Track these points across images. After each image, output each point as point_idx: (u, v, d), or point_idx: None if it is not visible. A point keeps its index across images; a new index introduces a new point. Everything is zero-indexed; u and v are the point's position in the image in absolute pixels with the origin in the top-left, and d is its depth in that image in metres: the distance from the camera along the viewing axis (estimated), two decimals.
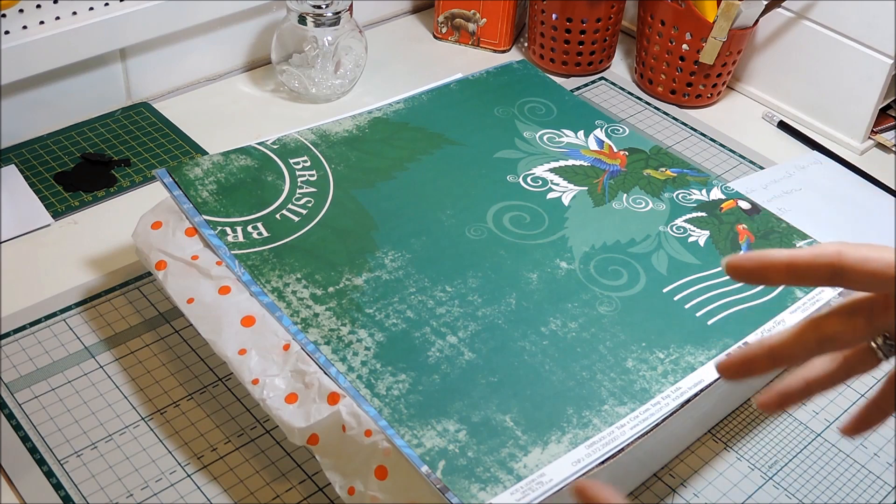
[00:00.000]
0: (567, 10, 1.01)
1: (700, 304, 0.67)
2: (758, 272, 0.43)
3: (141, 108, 0.95)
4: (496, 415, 0.58)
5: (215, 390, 0.68)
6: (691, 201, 0.77)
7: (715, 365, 0.45)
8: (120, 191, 0.85)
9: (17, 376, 0.68)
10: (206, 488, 0.62)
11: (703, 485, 0.65)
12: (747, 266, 0.43)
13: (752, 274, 0.43)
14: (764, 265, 0.43)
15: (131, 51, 0.93)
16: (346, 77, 0.98)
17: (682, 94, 1.02)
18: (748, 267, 0.43)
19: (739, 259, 0.43)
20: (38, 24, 0.84)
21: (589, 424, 0.58)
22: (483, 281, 0.67)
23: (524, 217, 0.73)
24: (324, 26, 0.94)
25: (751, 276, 0.43)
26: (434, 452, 0.56)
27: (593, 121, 0.85)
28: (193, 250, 0.67)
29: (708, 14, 0.97)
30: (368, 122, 0.81)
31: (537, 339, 0.64)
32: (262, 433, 0.66)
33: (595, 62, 1.06)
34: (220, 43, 0.99)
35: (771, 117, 1.02)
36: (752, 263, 0.43)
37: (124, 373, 0.69)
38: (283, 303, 0.64)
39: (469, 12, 1.07)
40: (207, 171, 0.73)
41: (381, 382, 0.60)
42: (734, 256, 0.43)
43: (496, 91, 0.87)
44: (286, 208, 0.71)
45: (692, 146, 0.97)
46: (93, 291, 0.75)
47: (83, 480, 0.62)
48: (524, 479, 0.55)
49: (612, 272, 0.69)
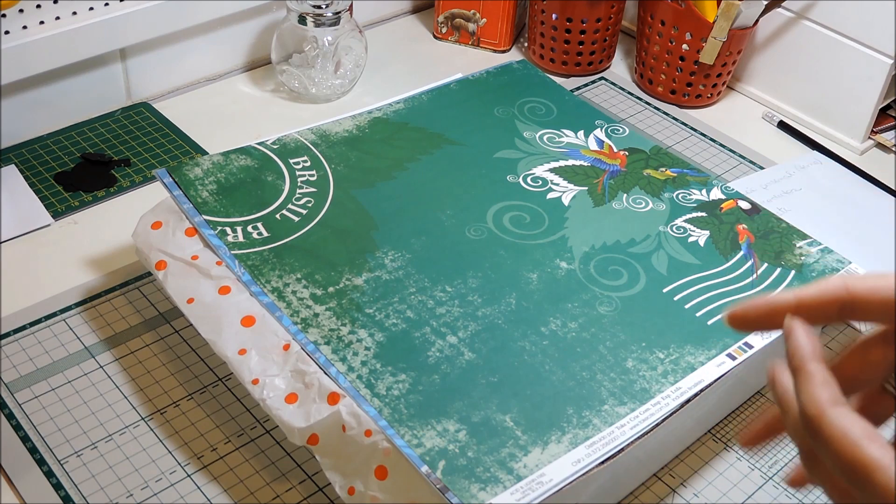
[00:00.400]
0: (567, 10, 1.01)
1: (700, 304, 0.67)
2: (765, 320, 0.42)
3: (141, 108, 0.95)
4: (496, 415, 0.58)
5: (215, 390, 0.68)
6: (691, 201, 0.77)
7: (728, 316, 0.44)
8: (120, 191, 0.85)
9: (17, 376, 0.68)
10: (206, 488, 0.62)
11: (703, 485, 0.65)
12: (753, 316, 0.42)
13: (759, 322, 0.42)
14: (771, 312, 0.42)
15: (131, 51, 0.93)
16: (346, 77, 0.98)
17: (682, 94, 1.02)
18: (754, 317, 0.42)
19: (744, 310, 0.42)
20: (38, 24, 0.84)
21: (589, 424, 0.58)
22: (483, 281, 0.67)
23: (524, 217, 0.73)
24: (324, 26, 0.94)
25: (758, 324, 0.42)
26: (434, 452, 0.56)
27: (593, 121, 0.85)
28: (193, 250, 0.67)
29: (708, 14, 0.97)
30: (368, 122, 0.81)
31: (537, 339, 0.64)
32: (262, 433, 0.66)
33: (595, 62, 1.06)
34: (220, 43, 0.99)
35: (771, 117, 1.02)
36: (759, 312, 0.42)
37: (124, 373, 0.69)
38: (283, 303, 0.64)
39: (469, 12, 1.07)
40: (207, 171, 0.73)
41: (381, 382, 0.60)
42: (736, 308, 0.42)
43: (496, 91, 0.87)
44: (286, 208, 0.71)
45: (692, 146, 0.97)
46: (93, 291, 0.75)
47: (83, 480, 0.62)
48: (524, 479, 0.55)
49: (612, 272, 0.69)
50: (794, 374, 0.41)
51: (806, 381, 0.40)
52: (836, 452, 0.38)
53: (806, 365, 0.40)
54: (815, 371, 0.40)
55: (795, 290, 0.42)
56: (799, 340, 0.41)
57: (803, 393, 0.40)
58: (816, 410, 0.39)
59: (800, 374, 0.40)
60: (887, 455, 0.37)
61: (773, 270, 0.71)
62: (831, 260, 0.72)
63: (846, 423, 0.38)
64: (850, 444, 0.38)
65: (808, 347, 0.41)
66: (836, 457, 0.38)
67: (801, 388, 0.40)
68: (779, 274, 0.70)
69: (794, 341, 0.41)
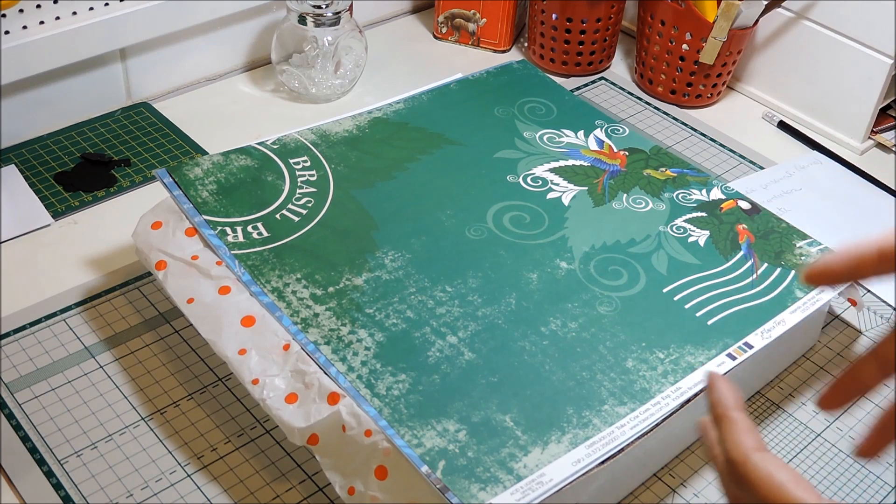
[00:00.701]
0: (567, 10, 1.01)
1: (700, 304, 0.67)
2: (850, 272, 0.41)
3: (141, 108, 0.95)
4: (496, 415, 0.58)
5: (215, 390, 0.68)
6: (691, 201, 0.77)
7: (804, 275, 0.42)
8: (120, 191, 0.85)
9: (17, 376, 0.68)
10: (206, 488, 0.62)
11: (703, 485, 0.65)
12: (837, 269, 0.41)
13: (843, 275, 0.41)
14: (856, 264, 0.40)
15: (131, 51, 0.93)
16: (346, 77, 0.98)
17: (682, 94, 1.02)
18: (838, 270, 0.41)
19: (825, 264, 0.40)
20: (38, 24, 0.84)
21: (589, 424, 0.58)
22: (483, 281, 0.67)
23: (524, 217, 0.73)
24: (324, 26, 0.94)
25: (842, 277, 0.41)
26: (434, 452, 0.56)
27: (593, 121, 0.85)
28: (193, 250, 0.67)
29: (708, 14, 0.97)
30: (368, 122, 0.81)
31: (537, 339, 0.64)
32: (262, 433, 0.66)
33: (595, 62, 1.06)
34: (220, 43, 0.99)
35: (771, 117, 1.02)
36: (843, 265, 0.40)
37: (124, 373, 0.69)
38: (283, 303, 0.64)
39: (469, 12, 1.07)
40: (207, 171, 0.73)
41: (381, 382, 0.60)
42: (815, 265, 0.40)
43: (496, 91, 0.87)
44: (286, 208, 0.71)
45: (692, 146, 0.97)
46: (93, 291, 0.75)
47: (83, 480, 0.62)
48: (524, 479, 0.55)
49: (612, 272, 0.69)
50: (717, 422, 0.41)
51: (729, 428, 0.41)
52: (762, 496, 0.39)
53: (728, 412, 0.41)
54: (738, 419, 0.41)
55: (876, 239, 0.40)
56: (721, 391, 0.42)
57: (728, 440, 0.40)
58: (741, 456, 0.40)
59: (723, 423, 0.41)
60: (812, 497, 0.38)
61: (773, 270, 0.71)
62: None
63: (770, 467, 0.39)
64: (776, 487, 0.38)
65: (731, 397, 0.42)
66: (762, 500, 0.39)
67: (725, 436, 0.41)
68: (779, 274, 0.70)
69: (715, 392, 0.42)
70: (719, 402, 0.42)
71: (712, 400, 0.42)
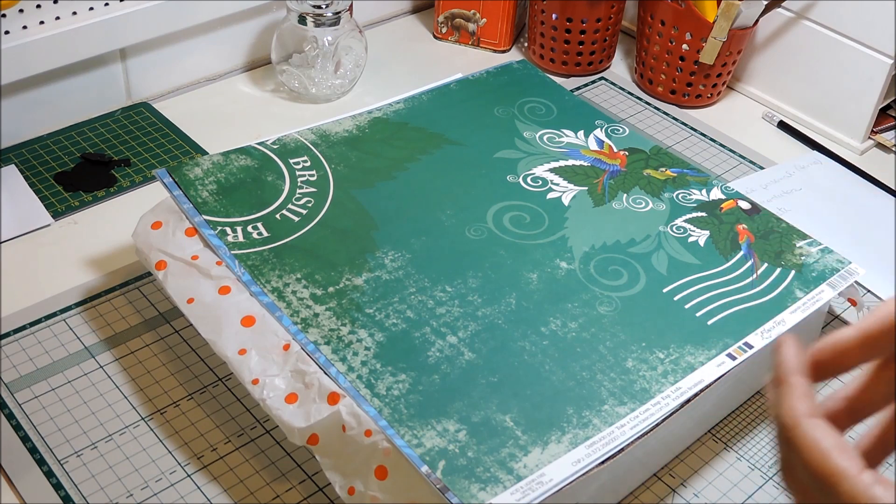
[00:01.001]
0: (567, 10, 1.01)
1: (700, 304, 0.67)
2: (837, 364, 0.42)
3: (141, 108, 0.95)
4: (496, 415, 0.58)
5: (215, 390, 0.68)
6: (691, 201, 0.77)
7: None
8: (120, 191, 0.85)
9: (17, 376, 0.68)
10: (206, 488, 0.62)
11: (703, 485, 0.65)
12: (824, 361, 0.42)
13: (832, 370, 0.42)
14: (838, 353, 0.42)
15: (131, 51, 0.93)
16: (346, 77, 0.98)
17: (682, 94, 1.02)
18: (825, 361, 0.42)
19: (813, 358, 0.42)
20: (38, 24, 0.84)
21: (589, 424, 0.58)
22: (483, 281, 0.67)
23: (524, 217, 0.73)
24: (324, 26, 0.94)
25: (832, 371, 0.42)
26: (434, 452, 0.56)
27: (593, 121, 0.85)
28: (193, 250, 0.67)
29: (708, 14, 0.97)
30: (368, 122, 0.81)
31: (537, 339, 0.64)
32: (262, 433, 0.66)
33: (595, 62, 1.06)
34: (220, 43, 0.99)
35: (771, 117, 1.02)
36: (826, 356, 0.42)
37: (124, 373, 0.69)
38: (283, 303, 0.64)
39: (469, 12, 1.07)
40: (207, 171, 0.73)
41: (381, 382, 0.60)
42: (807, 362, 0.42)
43: (496, 91, 0.87)
44: (286, 208, 0.71)
45: (692, 146, 0.97)
46: (93, 291, 0.75)
47: (83, 480, 0.62)
48: (524, 479, 0.55)
49: (612, 272, 0.69)
50: (777, 385, 0.42)
51: (786, 392, 0.41)
52: (806, 461, 0.39)
53: (788, 377, 0.41)
54: (796, 384, 0.41)
55: (854, 327, 0.41)
56: (785, 354, 0.42)
57: (783, 404, 0.41)
58: (792, 420, 0.40)
59: (782, 386, 0.42)
60: (854, 466, 0.38)
61: (773, 270, 0.71)
62: (831, 260, 0.72)
63: (818, 433, 0.40)
64: (820, 454, 0.39)
65: (793, 361, 0.42)
66: (806, 465, 0.39)
67: (780, 399, 0.41)
68: (779, 274, 0.70)
69: (781, 354, 0.42)
70: (781, 365, 0.42)
71: (776, 362, 0.42)
